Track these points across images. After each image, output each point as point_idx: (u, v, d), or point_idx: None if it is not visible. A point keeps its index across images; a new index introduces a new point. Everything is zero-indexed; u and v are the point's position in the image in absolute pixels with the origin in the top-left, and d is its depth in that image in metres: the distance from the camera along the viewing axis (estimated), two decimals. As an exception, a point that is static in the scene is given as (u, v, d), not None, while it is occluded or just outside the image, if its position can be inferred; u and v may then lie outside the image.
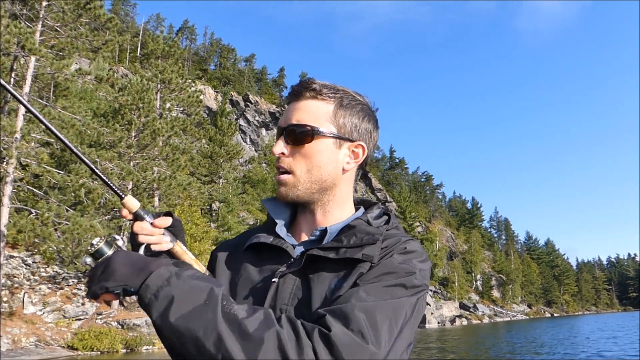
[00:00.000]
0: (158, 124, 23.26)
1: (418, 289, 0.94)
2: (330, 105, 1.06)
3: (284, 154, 1.05)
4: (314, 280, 0.97)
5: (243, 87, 79.58)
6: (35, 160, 17.58)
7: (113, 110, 24.18)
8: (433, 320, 52.36)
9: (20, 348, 16.98)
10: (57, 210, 17.65)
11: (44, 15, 19.53)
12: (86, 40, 19.28)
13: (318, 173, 1.05)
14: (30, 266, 23.70)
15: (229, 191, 37.48)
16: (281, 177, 1.05)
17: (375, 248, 0.97)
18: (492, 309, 75.11)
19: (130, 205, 0.96)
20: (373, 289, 0.89)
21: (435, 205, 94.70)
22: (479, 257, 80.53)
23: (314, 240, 1.06)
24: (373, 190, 77.29)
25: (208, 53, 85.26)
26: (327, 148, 1.05)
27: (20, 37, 16.14)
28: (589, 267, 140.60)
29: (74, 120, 17.89)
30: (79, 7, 18.90)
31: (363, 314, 0.83)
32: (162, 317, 0.80)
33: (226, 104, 50.84)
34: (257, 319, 0.80)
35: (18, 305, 20.58)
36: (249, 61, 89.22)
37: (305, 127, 1.03)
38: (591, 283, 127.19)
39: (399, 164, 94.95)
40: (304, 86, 1.06)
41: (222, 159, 41.07)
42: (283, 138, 1.05)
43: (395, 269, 0.94)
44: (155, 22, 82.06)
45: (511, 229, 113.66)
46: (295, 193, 1.05)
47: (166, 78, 26.16)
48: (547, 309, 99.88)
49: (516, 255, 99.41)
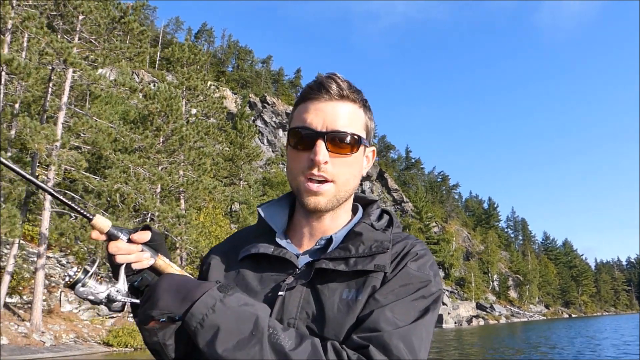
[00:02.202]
0: (185, 130, 24.22)
1: (435, 295, 0.95)
2: (360, 109, 1.03)
3: (327, 162, 0.98)
4: (324, 293, 0.95)
5: (260, 88, 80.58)
6: (75, 167, 18.61)
7: (142, 116, 25.23)
8: (450, 320, 52.72)
9: (61, 344, 18.04)
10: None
11: (80, 28, 20.59)
12: (119, 52, 20.26)
13: (354, 182, 1.03)
14: (65, 266, 24.89)
15: (250, 193, 38.40)
16: (322, 186, 0.98)
17: (386, 257, 0.96)
18: (509, 310, 75.04)
19: (100, 225, 0.92)
20: (398, 307, 0.90)
21: (451, 206, 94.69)
22: (496, 257, 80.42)
23: (319, 249, 1.03)
24: (389, 190, 77.71)
25: (226, 55, 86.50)
26: (361, 157, 1.05)
27: (61, 51, 17.14)
28: (607, 267, 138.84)
29: (110, 128, 18.87)
30: (114, 21, 19.89)
31: (401, 343, 0.84)
32: (209, 347, 0.81)
33: (245, 107, 51.86)
34: (305, 351, 0.80)
35: (55, 303, 21.71)
36: (266, 63, 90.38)
37: (354, 136, 1.00)
38: (610, 284, 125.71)
39: (415, 164, 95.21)
40: (339, 85, 1.00)
41: (242, 161, 42.08)
42: (324, 144, 0.97)
43: (412, 280, 0.94)
44: (174, 26, 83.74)
45: (528, 229, 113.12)
46: (333, 204, 1.01)
47: (192, 85, 27.16)
48: (564, 309, 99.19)
49: (533, 256, 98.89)
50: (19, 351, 15.61)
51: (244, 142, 42.54)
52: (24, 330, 17.36)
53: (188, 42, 31.21)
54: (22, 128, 17.34)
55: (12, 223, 16.45)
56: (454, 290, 66.88)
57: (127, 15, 19.49)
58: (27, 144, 16.75)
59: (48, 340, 17.53)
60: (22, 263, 21.37)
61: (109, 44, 20.55)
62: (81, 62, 17.62)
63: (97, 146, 19.30)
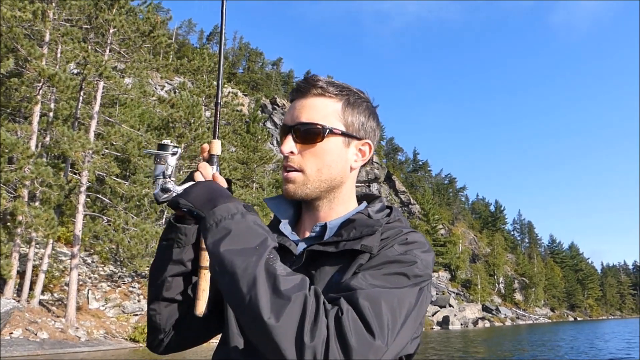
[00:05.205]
0: (207, 138, 25.33)
1: (420, 279, 0.94)
2: (337, 103, 1.07)
3: (293, 153, 1.04)
4: (317, 277, 0.99)
5: (270, 90, 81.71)
6: (106, 172, 19.79)
7: (165, 123, 26.41)
8: (456, 322, 53.55)
9: (94, 339, 19.24)
10: (125, 218, 19.85)
11: (111, 40, 21.78)
12: (148, 64, 21.42)
13: (328, 172, 1.05)
14: (90, 265, 26.12)
15: (264, 195, 39.51)
16: (290, 174, 1.05)
17: (374, 239, 0.99)
18: (514, 312, 75.70)
19: (214, 147, 1.05)
20: (373, 276, 0.91)
21: (458, 208, 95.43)
22: (502, 260, 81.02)
23: (315, 236, 1.07)
24: (397, 192, 78.57)
25: (237, 57, 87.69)
26: (336, 147, 1.06)
27: (98, 66, 18.31)
28: (614, 271, 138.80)
29: (140, 137, 20.04)
30: (143, 35, 21.05)
31: (367, 302, 0.84)
32: (214, 244, 0.87)
33: (258, 110, 53.01)
34: (293, 281, 0.83)
35: (84, 300, 22.92)
36: (276, 65, 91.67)
37: (316, 126, 1.03)
38: (616, 287, 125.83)
39: (423, 167, 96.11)
40: (311, 83, 1.06)
41: (255, 164, 43.20)
42: (291, 136, 1.04)
43: (396, 259, 0.94)
44: (187, 28, 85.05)
45: (534, 232, 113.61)
46: (304, 191, 1.05)
47: (213, 93, 28.31)
48: (570, 312, 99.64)
49: (539, 259, 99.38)
50: (59, 345, 16.82)
51: (257, 145, 43.65)
52: (60, 326, 18.56)
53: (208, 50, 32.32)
54: (60, 136, 18.54)
55: (51, 226, 17.66)
56: (460, 292, 67.70)
57: (156, 29, 20.63)
58: (66, 152, 17.91)
59: (82, 336, 18.74)
60: (53, 262, 22.60)
61: (138, 55, 21.74)
62: (115, 75, 18.77)
63: (127, 153, 20.46)
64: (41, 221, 17.36)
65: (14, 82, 18.41)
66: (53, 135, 20.47)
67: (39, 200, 19.07)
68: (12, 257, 18.46)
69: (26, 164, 16.89)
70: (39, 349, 15.88)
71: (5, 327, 15.99)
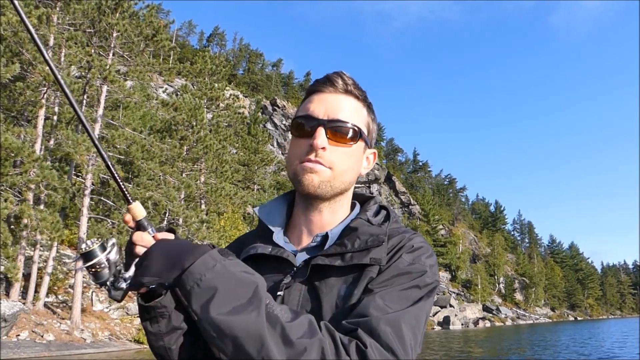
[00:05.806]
0: (209, 140, 25.54)
1: (431, 286, 0.94)
2: (363, 107, 1.06)
3: (325, 149, 0.99)
4: (322, 289, 0.95)
5: (270, 91, 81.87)
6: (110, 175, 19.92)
7: (167, 125, 26.58)
8: (457, 322, 53.72)
9: (99, 341, 19.41)
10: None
11: (114, 43, 21.95)
12: (151, 67, 21.59)
13: (351, 175, 1.04)
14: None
15: (265, 197, 39.70)
16: (317, 166, 0.99)
17: (381, 250, 0.96)
18: (514, 312, 75.92)
19: (136, 212, 0.92)
20: (389, 295, 0.89)
21: (458, 208, 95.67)
22: (502, 260, 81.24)
23: (316, 245, 1.03)
24: (397, 193, 78.76)
25: (237, 58, 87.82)
26: (360, 151, 1.05)
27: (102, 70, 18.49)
28: (614, 270, 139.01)
29: (143, 141, 20.21)
30: (147, 39, 21.22)
31: (389, 328, 0.83)
32: (203, 309, 0.77)
33: (259, 112, 53.21)
34: (302, 327, 0.79)
35: (88, 302, 23.08)
36: (276, 66, 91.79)
37: (355, 128, 1.02)
38: (616, 287, 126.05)
39: (423, 167, 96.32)
40: (345, 80, 1.04)
41: (256, 165, 43.42)
42: (324, 131, 0.99)
43: (407, 270, 0.93)
44: (187, 29, 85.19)
45: (534, 232, 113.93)
46: (327, 188, 1.01)
47: (214, 96, 28.50)
48: (570, 312, 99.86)
49: (539, 259, 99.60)
50: (65, 347, 16.98)
51: (258, 147, 43.87)
52: (66, 328, 18.73)
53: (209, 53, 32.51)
54: (64, 139, 18.71)
55: (56, 229, 17.83)
56: (461, 293, 67.90)
57: (159, 33, 20.80)
58: (70, 155, 18.08)
59: (88, 337, 18.91)
60: (57, 265, 22.76)
61: (141, 58, 21.91)
62: (119, 79, 18.95)
63: (131, 156, 20.63)
64: (47, 224, 17.54)
65: (19, 86, 18.59)
66: (57, 139, 20.64)
67: (44, 203, 19.25)
68: (18, 260, 18.62)
69: (31, 168, 17.06)
70: (45, 350, 16.05)
71: (12, 329, 16.16)
